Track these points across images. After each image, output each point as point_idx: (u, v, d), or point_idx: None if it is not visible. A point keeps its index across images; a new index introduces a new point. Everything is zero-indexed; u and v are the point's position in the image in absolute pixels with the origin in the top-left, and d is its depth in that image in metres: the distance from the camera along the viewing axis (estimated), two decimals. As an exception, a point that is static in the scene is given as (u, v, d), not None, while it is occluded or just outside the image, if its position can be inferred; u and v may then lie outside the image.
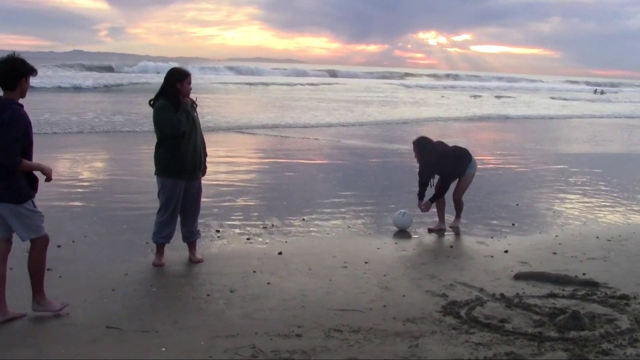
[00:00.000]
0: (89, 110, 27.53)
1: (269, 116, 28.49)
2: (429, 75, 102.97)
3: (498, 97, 55.61)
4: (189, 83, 7.37)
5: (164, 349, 5.14)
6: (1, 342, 5.19)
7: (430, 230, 9.55)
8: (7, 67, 5.47)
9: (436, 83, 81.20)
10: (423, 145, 9.66)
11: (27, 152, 5.57)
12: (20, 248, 7.60)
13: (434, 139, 10.01)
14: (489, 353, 5.09)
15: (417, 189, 9.66)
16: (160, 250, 7.59)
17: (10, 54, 5.59)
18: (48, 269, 7.01)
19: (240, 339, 5.36)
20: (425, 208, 9.63)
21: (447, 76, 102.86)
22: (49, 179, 5.72)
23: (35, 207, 5.70)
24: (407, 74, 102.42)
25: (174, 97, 7.27)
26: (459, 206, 9.83)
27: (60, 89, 40.76)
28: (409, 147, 10.38)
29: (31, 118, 5.67)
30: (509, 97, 56.39)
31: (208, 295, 6.52)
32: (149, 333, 5.46)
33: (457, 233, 9.56)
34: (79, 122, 22.65)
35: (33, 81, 6.04)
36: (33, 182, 5.70)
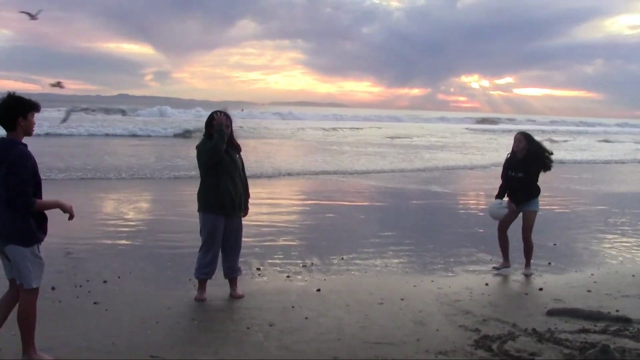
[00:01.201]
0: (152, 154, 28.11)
1: (321, 160, 28.61)
2: (477, 118, 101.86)
3: (551, 140, 54.85)
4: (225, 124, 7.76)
5: (204, 377, 5.38)
6: (52, 368, 5.47)
7: (495, 269, 9.59)
8: (2, 108, 5.37)
9: (487, 127, 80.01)
10: (534, 140, 9.60)
11: (38, 191, 5.44)
12: (69, 282, 8.02)
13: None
14: (517, 384, 5.23)
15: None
16: (202, 286, 7.87)
17: (9, 93, 5.46)
18: (95, 303, 7.39)
19: (277, 368, 5.59)
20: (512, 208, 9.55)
21: (494, 120, 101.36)
22: (71, 216, 5.56)
23: (39, 252, 5.50)
24: (480, 118, 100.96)
25: (211, 136, 7.72)
26: (528, 248, 9.65)
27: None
28: (449, 189, 10.48)
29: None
30: (564, 140, 55.60)
31: (248, 328, 6.75)
32: (190, 362, 5.71)
33: (527, 276, 9.43)
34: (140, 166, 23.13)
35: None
36: (42, 223, 5.51)
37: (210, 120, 7.75)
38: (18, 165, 5.26)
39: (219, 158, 7.62)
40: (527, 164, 9.41)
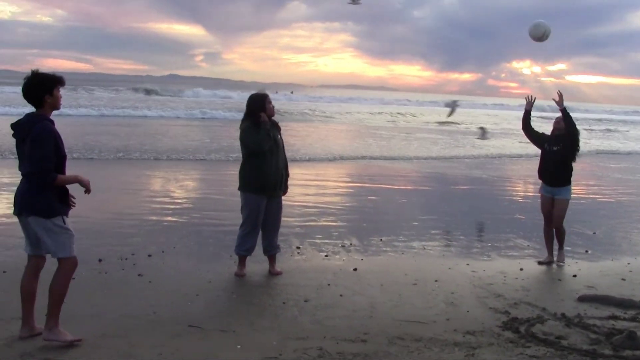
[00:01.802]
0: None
1: (372, 145, 28.83)
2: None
3: (608, 130, 53.76)
4: (269, 102, 8.15)
5: (239, 346, 5.65)
6: (95, 332, 5.79)
7: (540, 263, 9.44)
8: (28, 87, 5.49)
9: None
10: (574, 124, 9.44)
11: (61, 166, 5.55)
12: (115, 255, 8.39)
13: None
14: (541, 364, 5.39)
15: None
16: (242, 262, 8.16)
17: (32, 71, 5.55)
18: (139, 275, 7.73)
19: (310, 341, 5.82)
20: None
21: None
22: (87, 190, 5.64)
23: (65, 224, 5.57)
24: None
25: (256, 119, 7.94)
26: (561, 235, 9.56)
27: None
28: (494, 175, 10.47)
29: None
30: (626, 130, 54.46)
31: (284, 303, 7.02)
32: (226, 332, 5.99)
33: (561, 264, 9.38)
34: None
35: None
36: (65, 197, 5.62)
37: (253, 103, 8.03)
38: (40, 140, 5.37)
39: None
40: (564, 139, 9.34)
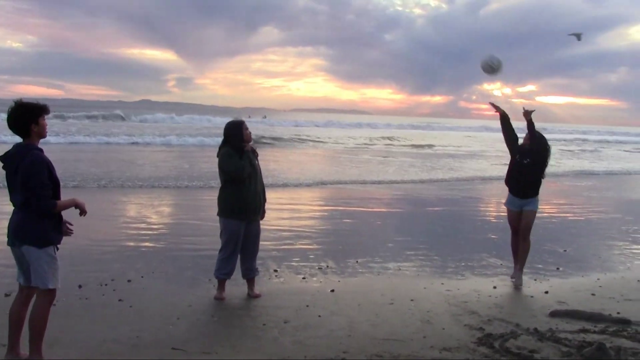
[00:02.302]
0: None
1: (343, 169, 29.07)
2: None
3: (582, 150, 54.39)
4: (246, 129, 8.33)
5: (221, 367, 5.79)
6: (80, 356, 5.90)
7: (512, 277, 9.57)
8: (13, 117, 5.48)
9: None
10: (542, 136, 9.59)
11: (56, 193, 5.59)
12: (95, 281, 8.46)
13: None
14: (514, 377, 5.58)
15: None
16: (221, 286, 8.30)
17: (16, 100, 5.54)
18: (120, 300, 7.82)
19: (290, 361, 5.98)
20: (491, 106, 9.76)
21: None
22: (83, 212, 5.72)
23: (55, 253, 5.63)
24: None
25: (237, 145, 8.09)
26: (525, 249, 9.57)
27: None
28: (467, 197, 10.66)
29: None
30: (593, 150, 55.23)
31: (264, 324, 7.16)
32: (209, 354, 6.12)
33: (518, 287, 9.32)
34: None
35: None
36: (58, 225, 5.66)
37: (230, 129, 8.21)
38: (35, 169, 5.40)
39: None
40: (534, 151, 9.46)
